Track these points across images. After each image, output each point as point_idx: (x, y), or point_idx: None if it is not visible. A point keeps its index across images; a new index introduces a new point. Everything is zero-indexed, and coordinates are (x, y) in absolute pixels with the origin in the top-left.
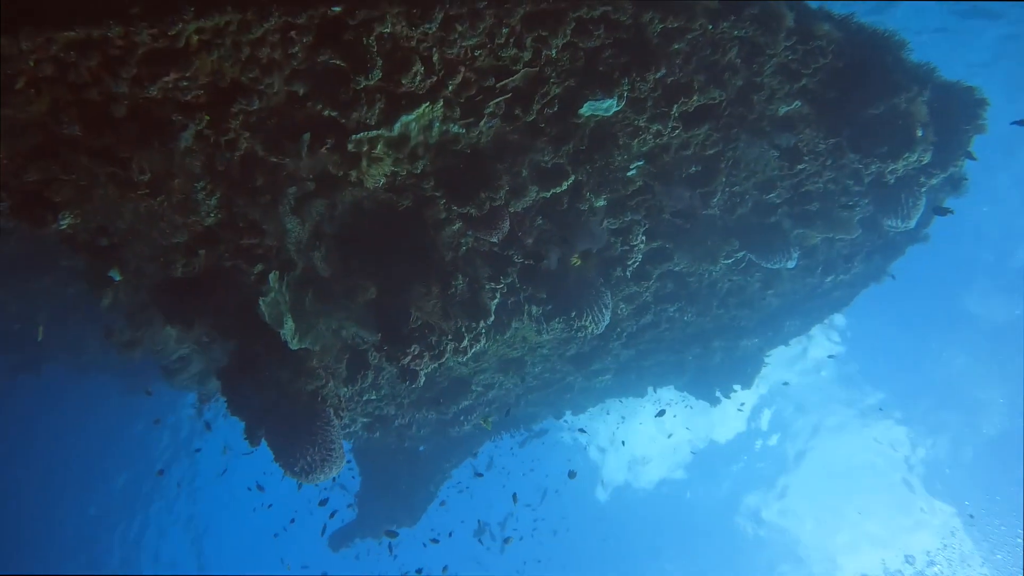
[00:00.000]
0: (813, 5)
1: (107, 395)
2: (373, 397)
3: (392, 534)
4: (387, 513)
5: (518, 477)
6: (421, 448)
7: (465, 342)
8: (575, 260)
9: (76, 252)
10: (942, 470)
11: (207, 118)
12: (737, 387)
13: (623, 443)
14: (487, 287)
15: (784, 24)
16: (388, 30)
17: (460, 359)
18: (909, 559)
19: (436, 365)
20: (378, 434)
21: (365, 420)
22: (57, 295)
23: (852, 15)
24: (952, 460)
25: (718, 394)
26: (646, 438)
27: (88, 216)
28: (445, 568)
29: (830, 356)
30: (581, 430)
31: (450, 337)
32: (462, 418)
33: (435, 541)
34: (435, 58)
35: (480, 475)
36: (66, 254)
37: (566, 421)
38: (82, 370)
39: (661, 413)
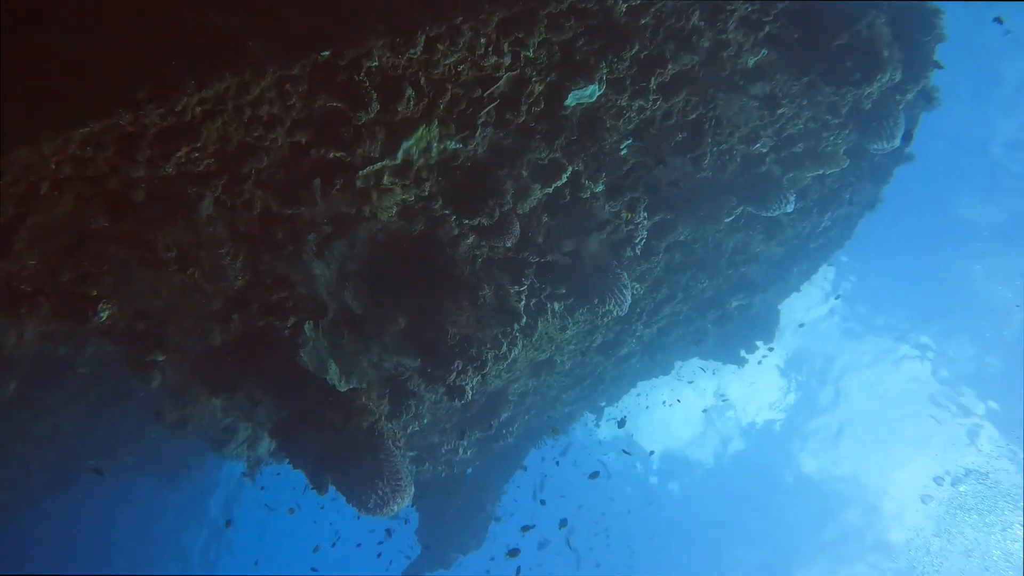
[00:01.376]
0: None
1: (138, 494)
2: (417, 428)
3: None
4: (451, 541)
5: (576, 484)
6: (468, 471)
7: (504, 347)
8: (627, 215)
9: (116, 342)
10: (972, 382)
11: (222, 184)
12: (759, 343)
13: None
14: (512, 291)
15: None
16: (376, 63)
17: (501, 366)
18: (955, 474)
19: (480, 378)
20: (427, 465)
21: (412, 454)
22: (79, 402)
23: None
24: (979, 372)
25: (743, 353)
26: (684, 418)
27: (124, 303)
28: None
29: (836, 297)
30: (621, 423)
31: (489, 346)
32: (504, 431)
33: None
34: (422, 81)
35: (543, 502)
36: (83, 358)
37: (597, 425)
38: (112, 473)
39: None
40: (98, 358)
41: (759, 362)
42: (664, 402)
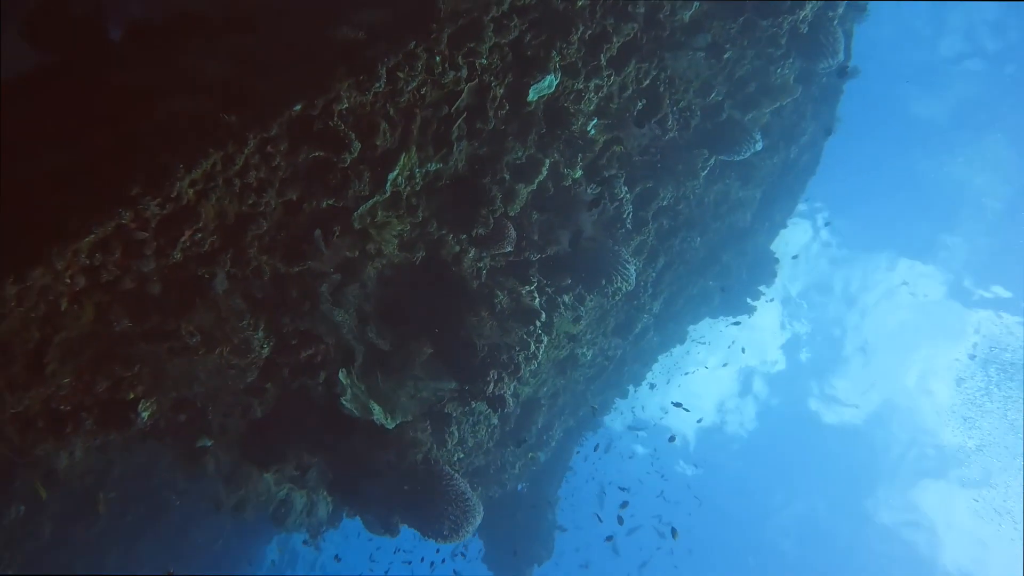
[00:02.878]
0: None
1: None
2: (461, 455)
3: None
4: (522, 557)
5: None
6: (520, 487)
7: (532, 347)
8: (618, 148)
9: (161, 440)
10: (972, 271)
11: (229, 258)
12: (762, 287)
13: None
14: (524, 291)
15: None
16: (346, 104)
17: (532, 366)
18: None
19: (515, 382)
20: (479, 489)
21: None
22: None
23: None
24: (975, 260)
25: (749, 300)
26: (703, 385)
27: (163, 398)
28: None
29: (826, 224)
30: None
31: (517, 348)
32: (544, 437)
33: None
34: (392, 112)
35: (625, 503)
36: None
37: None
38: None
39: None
40: (125, 477)
41: (770, 300)
42: (687, 373)
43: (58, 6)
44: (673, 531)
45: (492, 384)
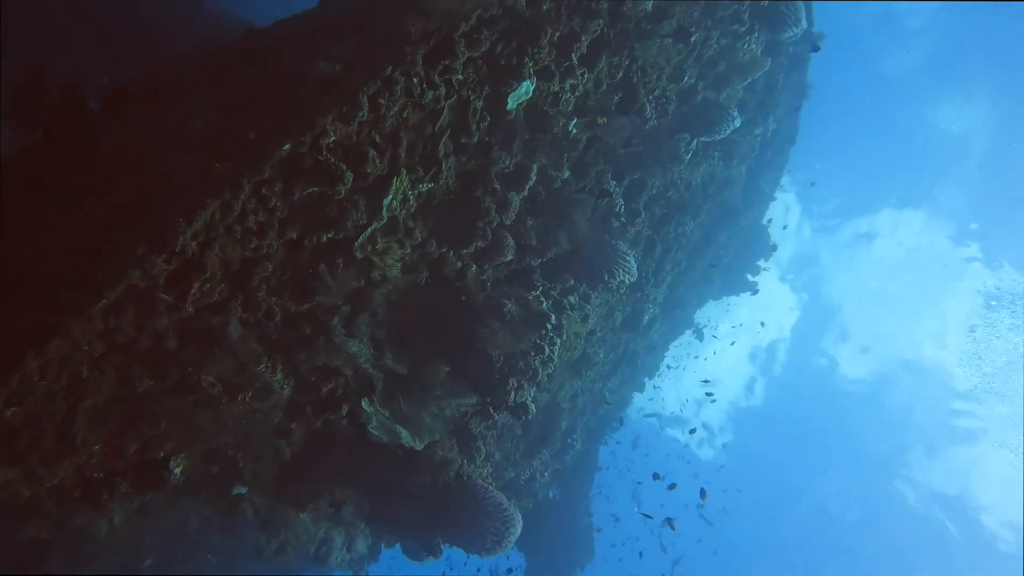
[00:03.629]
0: None
1: None
2: (490, 470)
3: None
4: (565, 563)
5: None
6: (551, 494)
7: (546, 350)
8: (601, 119)
9: (196, 494)
10: (966, 216)
11: (240, 304)
12: (760, 261)
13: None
14: (531, 297)
15: None
16: (333, 137)
17: (549, 370)
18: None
19: (535, 388)
20: (512, 502)
21: None
22: None
23: None
24: (968, 204)
25: (749, 277)
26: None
27: (193, 451)
28: None
29: (812, 184)
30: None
31: (532, 353)
32: (569, 440)
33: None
34: (378, 139)
35: (673, 485)
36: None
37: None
38: None
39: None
40: (163, 539)
41: (766, 268)
42: (697, 356)
43: (37, 85)
44: (702, 492)
45: (513, 392)
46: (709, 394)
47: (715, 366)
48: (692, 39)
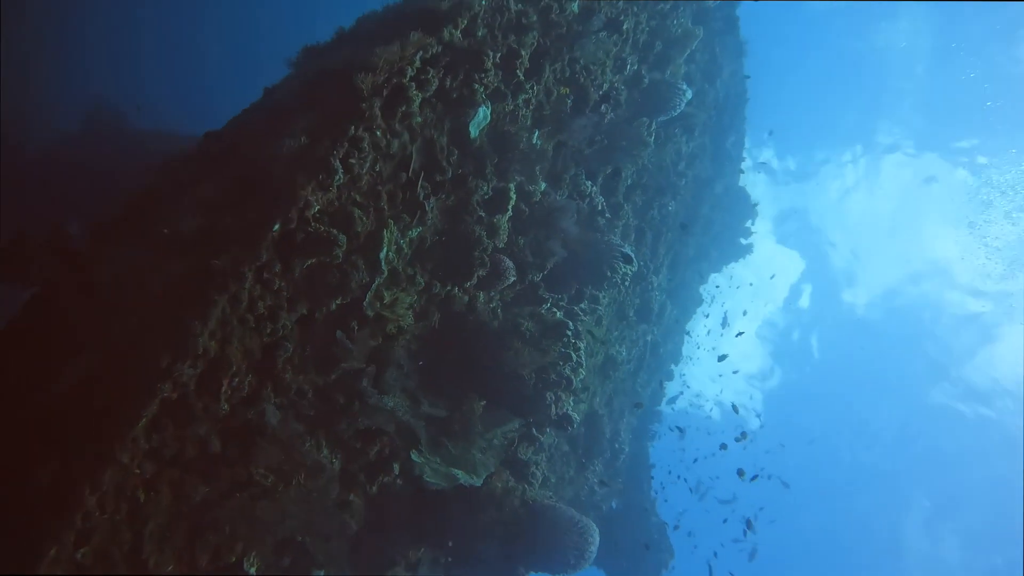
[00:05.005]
0: None
1: None
2: (550, 494)
3: None
4: (647, 567)
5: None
6: (614, 505)
7: (573, 357)
8: (563, 90)
9: None
10: (936, 138)
11: (271, 391)
12: (749, 223)
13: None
14: (544, 310)
15: None
16: (317, 207)
17: (580, 375)
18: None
19: (572, 397)
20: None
21: None
22: None
23: None
24: (937, 123)
25: (742, 240)
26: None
27: (262, 547)
28: None
29: (769, 133)
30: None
31: (561, 363)
32: (616, 445)
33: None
34: (358, 197)
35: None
36: None
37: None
38: None
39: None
40: None
41: (755, 232)
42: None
43: (21, 243)
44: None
45: (553, 406)
46: (723, 359)
47: (733, 341)
48: (624, 27)
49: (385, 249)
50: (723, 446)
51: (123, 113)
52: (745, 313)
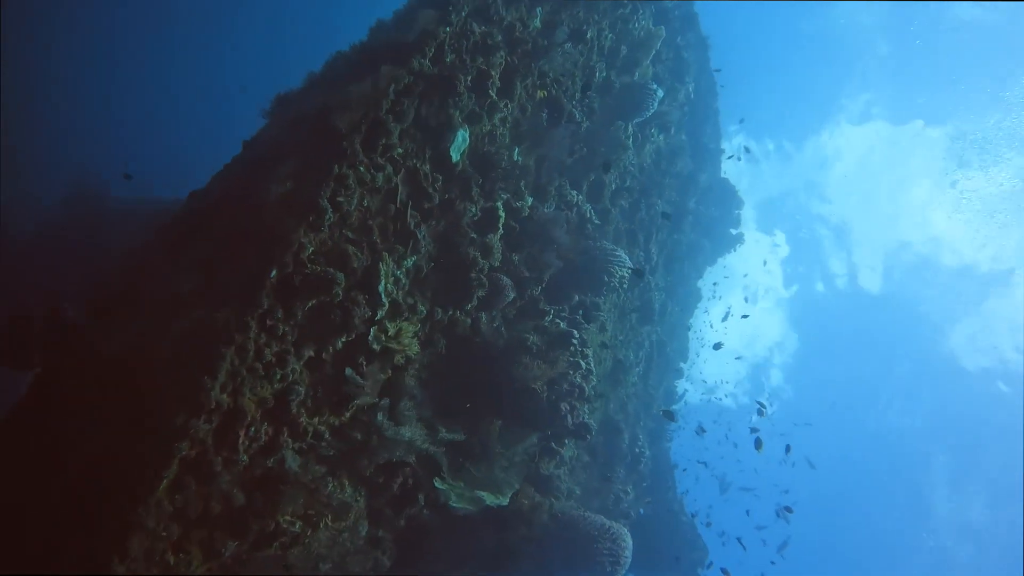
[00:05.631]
0: None
1: None
2: (577, 506)
3: None
4: (686, 569)
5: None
6: (642, 511)
7: (582, 364)
8: (541, 93)
9: None
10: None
11: (288, 436)
12: (737, 212)
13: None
14: (547, 323)
15: None
16: (311, 248)
17: (592, 382)
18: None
19: (586, 405)
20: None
21: None
22: None
23: None
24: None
25: (732, 231)
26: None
27: None
28: None
29: (740, 120)
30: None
31: (571, 372)
32: (636, 450)
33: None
34: (350, 234)
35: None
36: None
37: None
38: None
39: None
40: None
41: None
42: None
43: (21, 326)
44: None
45: (568, 415)
46: (719, 347)
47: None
48: (588, 36)
49: (383, 281)
50: (758, 441)
51: (104, 184)
52: (747, 300)
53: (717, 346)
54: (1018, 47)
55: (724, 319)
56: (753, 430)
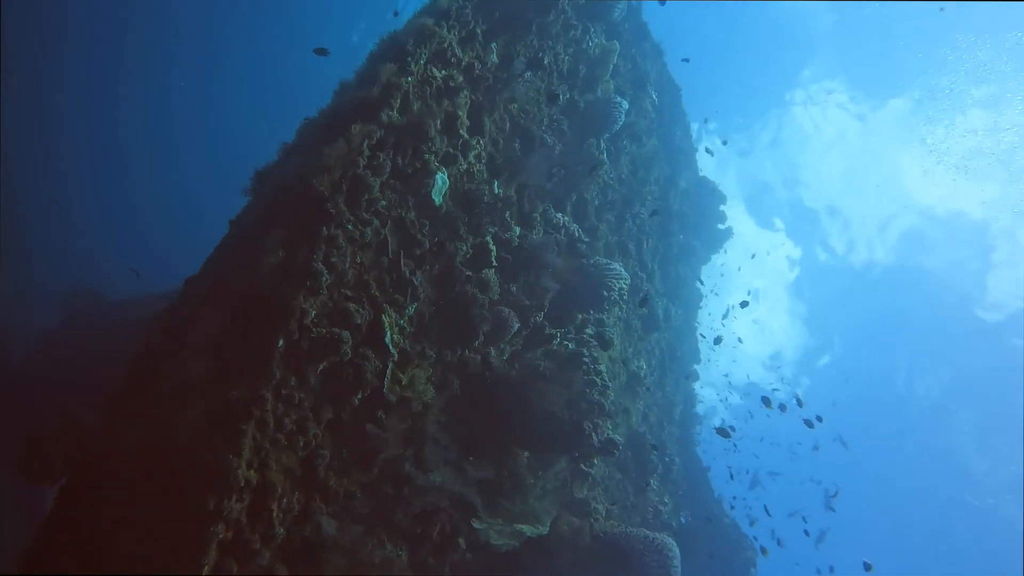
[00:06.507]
0: None
1: None
2: (617, 524)
3: None
4: (738, 570)
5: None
6: (683, 520)
7: (598, 381)
8: (513, 106)
9: None
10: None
11: (320, 502)
12: (722, 207)
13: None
14: (556, 347)
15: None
16: (313, 312)
17: (610, 397)
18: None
19: (609, 421)
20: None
21: None
22: None
23: None
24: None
25: (719, 226)
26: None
27: None
28: None
29: (705, 120)
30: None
31: (588, 390)
32: (666, 459)
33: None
34: (349, 292)
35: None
36: None
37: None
38: None
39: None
40: None
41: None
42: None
43: (34, 446)
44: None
45: (593, 434)
46: (719, 342)
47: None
48: (546, 62)
49: (388, 333)
50: (766, 399)
51: (97, 291)
52: (749, 293)
53: (717, 340)
54: None
55: (724, 317)
56: (764, 400)
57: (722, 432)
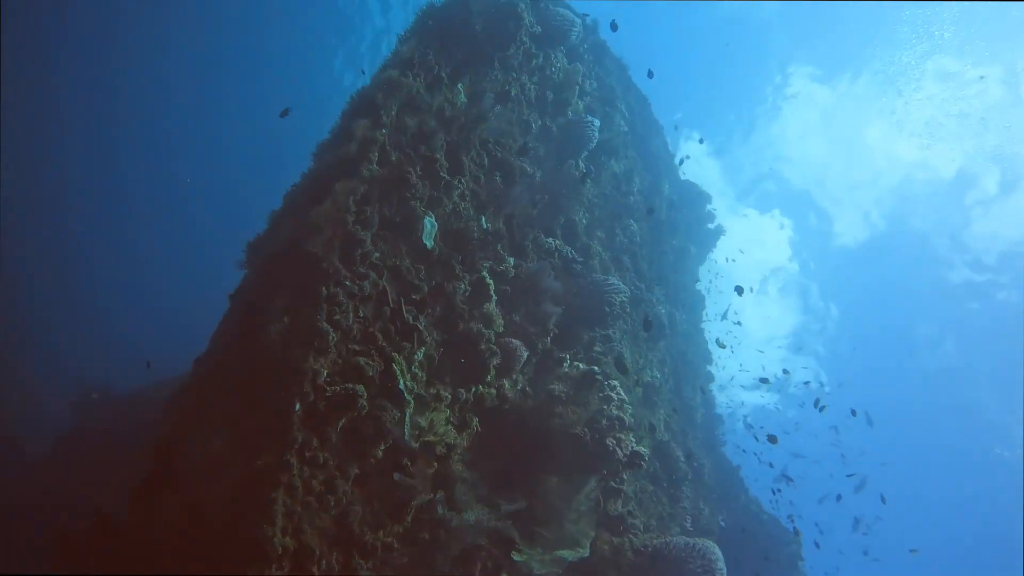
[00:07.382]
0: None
1: None
2: (657, 538)
3: None
4: (786, 569)
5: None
6: (722, 523)
7: (614, 396)
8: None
9: None
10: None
11: (359, 559)
12: (710, 207)
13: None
14: (568, 369)
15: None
16: (326, 372)
17: (629, 411)
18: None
19: (631, 434)
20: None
21: None
22: None
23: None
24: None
25: (709, 226)
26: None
27: None
28: None
29: (675, 127)
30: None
31: (605, 407)
32: (695, 464)
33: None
34: (356, 347)
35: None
36: None
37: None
38: None
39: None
40: None
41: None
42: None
43: (67, 543)
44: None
45: (618, 448)
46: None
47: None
48: (512, 94)
49: (401, 380)
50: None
51: (105, 385)
52: (753, 290)
53: (721, 347)
54: None
55: (723, 316)
56: (763, 380)
57: (772, 439)
